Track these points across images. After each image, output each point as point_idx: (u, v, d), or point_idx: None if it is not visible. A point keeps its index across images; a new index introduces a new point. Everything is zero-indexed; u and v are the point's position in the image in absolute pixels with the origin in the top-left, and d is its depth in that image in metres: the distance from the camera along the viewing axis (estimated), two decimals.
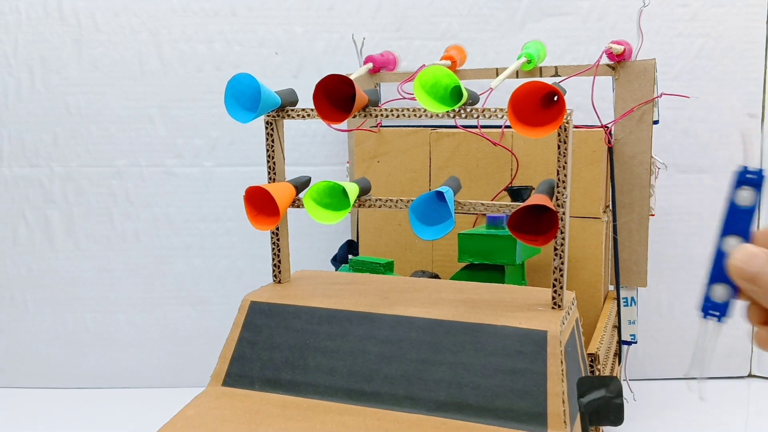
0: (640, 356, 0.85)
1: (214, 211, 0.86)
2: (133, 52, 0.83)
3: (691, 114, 0.81)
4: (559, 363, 0.42)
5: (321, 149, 0.85)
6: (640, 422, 0.74)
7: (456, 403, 0.42)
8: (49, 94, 0.84)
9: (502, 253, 0.57)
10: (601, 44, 0.67)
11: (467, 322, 0.44)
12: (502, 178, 0.68)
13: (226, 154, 0.85)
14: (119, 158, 0.85)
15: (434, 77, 0.46)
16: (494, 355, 0.43)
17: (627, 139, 0.68)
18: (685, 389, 0.83)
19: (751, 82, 0.81)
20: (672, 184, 0.82)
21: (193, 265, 0.87)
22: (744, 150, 0.35)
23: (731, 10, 0.80)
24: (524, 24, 0.81)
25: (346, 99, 0.49)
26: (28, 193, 0.86)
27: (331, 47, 0.83)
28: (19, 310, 0.87)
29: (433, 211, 0.48)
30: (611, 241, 0.70)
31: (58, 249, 0.86)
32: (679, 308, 0.85)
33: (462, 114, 0.47)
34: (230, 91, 0.49)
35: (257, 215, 0.50)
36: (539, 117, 0.44)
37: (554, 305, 0.46)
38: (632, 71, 0.67)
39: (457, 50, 0.76)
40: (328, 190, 0.51)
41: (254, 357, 0.48)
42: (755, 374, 0.86)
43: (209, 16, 0.83)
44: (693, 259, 0.84)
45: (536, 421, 0.41)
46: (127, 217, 0.86)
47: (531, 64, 0.69)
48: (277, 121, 0.53)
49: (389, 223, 0.72)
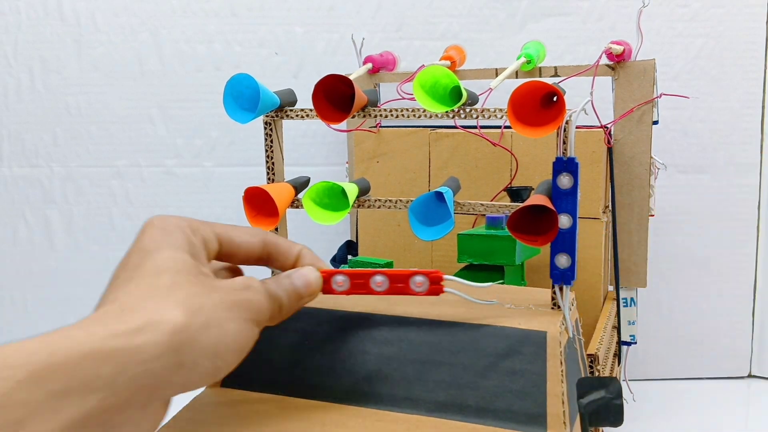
0: (640, 356, 0.85)
1: (214, 211, 0.86)
2: (133, 52, 0.83)
3: (691, 114, 0.81)
4: (559, 364, 0.42)
5: (320, 149, 0.85)
6: (639, 422, 0.74)
7: (455, 403, 0.42)
8: (49, 94, 0.84)
9: (502, 253, 0.57)
10: (600, 44, 0.67)
11: (467, 322, 0.44)
12: (501, 179, 0.68)
13: (226, 154, 0.85)
14: (119, 158, 0.85)
15: (434, 77, 0.46)
16: (494, 356, 0.43)
17: (626, 139, 0.68)
18: (685, 389, 0.83)
19: (751, 82, 0.81)
20: (672, 184, 0.82)
21: None
22: None
23: (731, 10, 0.80)
24: (524, 24, 0.82)
25: (345, 99, 0.49)
26: (28, 193, 0.86)
27: (331, 47, 0.83)
28: (19, 310, 0.88)
29: (433, 211, 0.48)
30: (611, 242, 0.70)
31: (58, 249, 0.86)
32: (679, 308, 0.85)
33: (461, 114, 0.47)
34: (229, 91, 0.49)
35: (256, 216, 0.50)
36: (539, 117, 0.44)
37: (554, 306, 0.46)
38: (632, 71, 0.67)
39: (456, 50, 0.76)
40: (327, 190, 0.51)
41: (253, 358, 0.48)
42: (755, 374, 0.86)
43: (209, 16, 0.83)
44: (693, 259, 0.84)
45: (536, 422, 0.41)
46: (127, 217, 0.86)
47: (530, 65, 0.69)
48: (276, 122, 0.53)
49: (388, 223, 0.72)
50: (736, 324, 0.85)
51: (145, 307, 0.33)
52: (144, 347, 0.32)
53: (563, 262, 0.44)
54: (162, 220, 0.39)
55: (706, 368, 0.86)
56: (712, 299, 0.85)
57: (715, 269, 0.84)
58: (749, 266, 0.84)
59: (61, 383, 0.29)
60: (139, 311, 0.33)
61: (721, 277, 0.84)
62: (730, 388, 0.84)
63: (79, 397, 0.30)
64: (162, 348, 0.32)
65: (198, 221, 0.40)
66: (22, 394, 0.28)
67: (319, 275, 0.43)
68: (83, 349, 0.30)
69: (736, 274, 0.84)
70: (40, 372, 0.29)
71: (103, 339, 0.31)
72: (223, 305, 0.36)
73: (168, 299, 0.34)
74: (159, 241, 0.37)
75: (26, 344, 0.30)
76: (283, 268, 0.43)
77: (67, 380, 0.29)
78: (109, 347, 0.31)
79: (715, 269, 0.84)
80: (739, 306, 0.85)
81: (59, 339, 0.30)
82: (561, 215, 0.44)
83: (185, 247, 0.38)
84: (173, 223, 0.38)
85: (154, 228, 0.38)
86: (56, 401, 0.29)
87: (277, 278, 0.41)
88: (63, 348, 0.30)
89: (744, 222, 0.83)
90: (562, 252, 0.44)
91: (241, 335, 0.36)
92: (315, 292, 0.42)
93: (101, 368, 0.30)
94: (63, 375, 0.29)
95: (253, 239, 0.42)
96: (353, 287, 0.43)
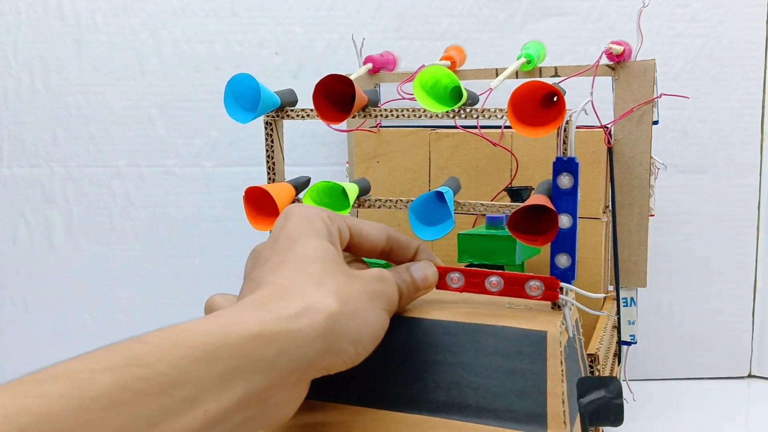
0: (640, 356, 0.85)
1: (214, 211, 0.86)
2: (133, 52, 0.83)
3: (691, 114, 0.81)
4: (559, 363, 0.42)
5: (320, 149, 0.85)
6: (639, 422, 0.74)
7: (456, 403, 0.42)
8: (49, 94, 0.84)
9: (502, 253, 0.57)
10: (600, 44, 0.67)
11: (467, 322, 0.44)
12: (501, 179, 0.68)
13: (226, 154, 0.85)
14: (119, 158, 0.85)
15: (434, 77, 0.46)
16: (494, 356, 0.43)
17: (627, 139, 0.68)
18: (685, 389, 0.83)
19: (751, 82, 0.81)
20: (672, 184, 0.82)
21: (193, 265, 0.87)
22: None
23: (731, 10, 0.80)
24: (524, 24, 0.82)
25: (345, 99, 0.49)
26: (28, 193, 0.86)
27: (331, 47, 0.83)
28: (19, 310, 0.87)
29: (433, 211, 0.48)
30: (611, 242, 0.70)
31: (58, 249, 0.86)
32: (678, 308, 0.85)
33: (462, 114, 0.47)
34: (230, 91, 0.49)
35: (257, 215, 0.50)
36: (539, 117, 0.44)
37: (554, 306, 0.46)
38: (632, 72, 0.67)
39: (456, 50, 0.76)
40: (327, 190, 0.51)
41: None
42: (755, 374, 0.86)
43: (209, 17, 0.83)
44: (693, 259, 0.84)
45: (536, 422, 0.41)
46: (127, 217, 0.86)
47: (531, 65, 0.69)
48: (276, 122, 0.53)
49: (388, 223, 0.72)
50: (736, 324, 0.85)
51: (303, 292, 0.35)
52: (303, 331, 0.34)
53: (563, 261, 0.45)
54: (303, 209, 0.41)
55: (706, 368, 0.86)
56: (712, 299, 0.85)
57: (715, 269, 0.84)
58: (749, 266, 0.84)
59: (232, 363, 0.31)
60: (297, 296, 0.35)
61: (721, 277, 0.84)
62: (730, 388, 0.84)
63: (247, 377, 0.32)
64: (317, 332, 0.34)
65: (333, 212, 0.43)
66: (198, 372, 0.30)
67: (436, 270, 0.45)
68: (252, 332, 0.32)
69: (736, 274, 0.84)
70: (214, 352, 0.31)
71: (270, 322, 0.33)
72: (366, 295, 0.38)
73: (320, 287, 0.36)
74: (303, 229, 0.39)
75: (202, 324, 0.32)
76: (401, 262, 0.46)
77: (238, 360, 0.31)
78: (273, 330, 0.33)
79: (715, 269, 0.84)
80: (739, 306, 0.85)
81: (231, 321, 0.32)
82: (561, 215, 0.44)
83: (326, 236, 0.40)
84: (314, 212, 0.41)
85: (296, 216, 0.40)
86: (227, 380, 0.31)
87: (397, 270, 0.44)
88: (236, 330, 0.32)
89: (744, 222, 0.83)
90: (562, 252, 0.45)
91: (378, 324, 0.39)
92: (431, 285, 0.45)
93: (267, 350, 0.32)
94: (235, 355, 0.31)
95: (380, 234, 0.45)
96: (468, 285, 0.45)
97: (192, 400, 0.30)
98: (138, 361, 0.29)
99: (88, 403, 0.27)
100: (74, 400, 0.27)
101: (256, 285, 0.37)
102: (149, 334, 0.31)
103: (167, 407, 0.29)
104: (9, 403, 0.26)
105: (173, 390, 0.29)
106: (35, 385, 0.27)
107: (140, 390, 0.28)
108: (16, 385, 0.27)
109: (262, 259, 0.39)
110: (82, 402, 0.27)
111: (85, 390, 0.27)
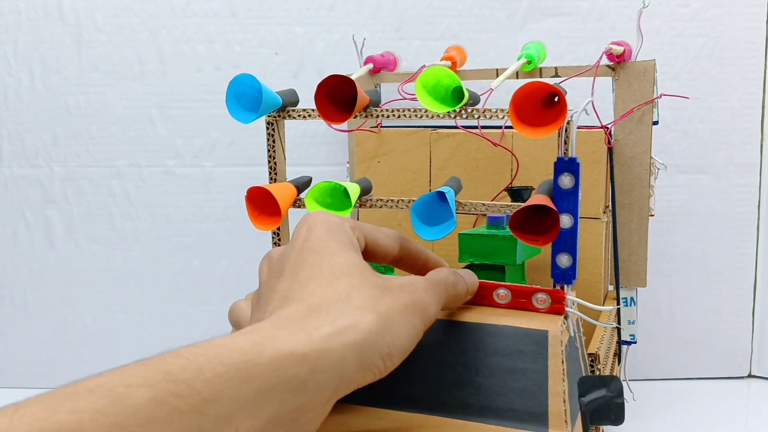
0: (640, 356, 0.85)
1: (214, 212, 0.86)
2: (133, 52, 0.83)
3: (691, 114, 0.82)
4: (560, 363, 0.42)
5: (321, 149, 0.85)
6: (640, 422, 0.74)
7: (457, 402, 0.43)
8: (49, 94, 0.84)
9: (503, 253, 0.57)
10: (601, 45, 0.67)
11: (468, 321, 0.45)
12: (502, 179, 0.68)
13: (226, 154, 0.85)
14: (119, 158, 0.85)
15: (436, 78, 0.46)
16: (495, 355, 0.43)
17: (627, 139, 0.69)
18: (685, 389, 0.83)
19: (751, 82, 0.81)
20: (672, 184, 0.82)
21: (193, 265, 0.87)
22: None
23: (731, 10, 0.80)
24: (524, 24, 0.82)
25: (347, 99, 0.49)
26: (28, 193, 0.86)
27: (331, 47, 0.83)
28: (19, 310, 0.87)
29: (435, 211, 0.48)
30: (611, 242, 0.70)
31: (58, 249, 0.86)
32: (678, 308, 0.85)
33: (463, 114, 0.47)
34: (232, 91, 0.49)
35: (258, 215, 0.50)
36: (540, 117, 0.44)
37: None
38: (632, 72, 0.67)
39: (457, 51, 0.76)
40: (329, 190, 0.51)
41: None
42: (755, 374, 0.87)
43: (209, 16, 0.83)
44: (693, 259, 0.84)
45: (537, 421, 0.41)
46: (127, 217, 0.86)
47: (531, 65, 0.69)
48: (278, 122, 0.53)
49: (389, 223, 0.72)
50: (736, 324, 0.86)
51: (335, 310, 0.35)
52: (336, 350, 0.34)
53: (564, 261, 0.45)
54: (324, 218, 0.41)
55: (706, 368, 0.86)
56: (712, 299, 0.85)
57: (715, 269, 0.84)
58: (749, 266, 0.84)
59: (265, 382, 0.31)
60: (329, 315, 0.35)
61: (721, 277, 0.84)
62: (730, 388, 0.85)
63: (280, 396, 0.32)
64: (350, 351, 0.34)
65: (350, 219, 0.43)
66: (232, 390, 0.30)
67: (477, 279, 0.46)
68: (285, 351, 0.32)
69: (736, 274, 0.84)
70: (249, 370, 0.31)
71: (303, 342, 0.33)
72: (397, 309, 0.38)
73: (351, 303, 0.36)
74: (328, 241, 0.39)
75: (236, 341, 0.32)
76: (412, 270, 0.47)
77: (271, 379, 0.31)
78: (306, 350, 0.33)
79: (715, 269, 0.84)
80: (739, 306, 0.85)
81: (265, 339, 0.33)
82: (562, 215, 0.44)
83: (351, 246, 0.40)
84: (335, 223, 0.41)
85: (318, 226, 0.40)
86: (260, 399, 0.31)
87: (439, 274, 0.44)
88: (269, 349, 0.32)
89: (744, 222, 0.84)
90: (563, 252, 0.45)
91: (410, 338, 0.38)
92: (474, 292, 0.46)
93: (300, 369, 0.32)
94: (268, 374, 0.31)
95: (393, 242, 0.45)
96: (476, 298, 0.46)
97: (225, 419, 0.29)
98: (173, 376, 0.29)
99: (124, 420, 0.27)
100: (109, 417, 0.26)
101: (285, 299, 0.37)
102: (183, 349, 0.31)
103: (201, 425, 0.29)
104: (44, 416, 0.25)
105: (208, 408, 0.29)
106: (70, 399, 0.27)
107: (176, 407, 0.28)
108: (50, 397, 0.26)
109: (288, 271, 0.39)
110: (117, 418, 0.26)
111: (121, 406, 0.27)
